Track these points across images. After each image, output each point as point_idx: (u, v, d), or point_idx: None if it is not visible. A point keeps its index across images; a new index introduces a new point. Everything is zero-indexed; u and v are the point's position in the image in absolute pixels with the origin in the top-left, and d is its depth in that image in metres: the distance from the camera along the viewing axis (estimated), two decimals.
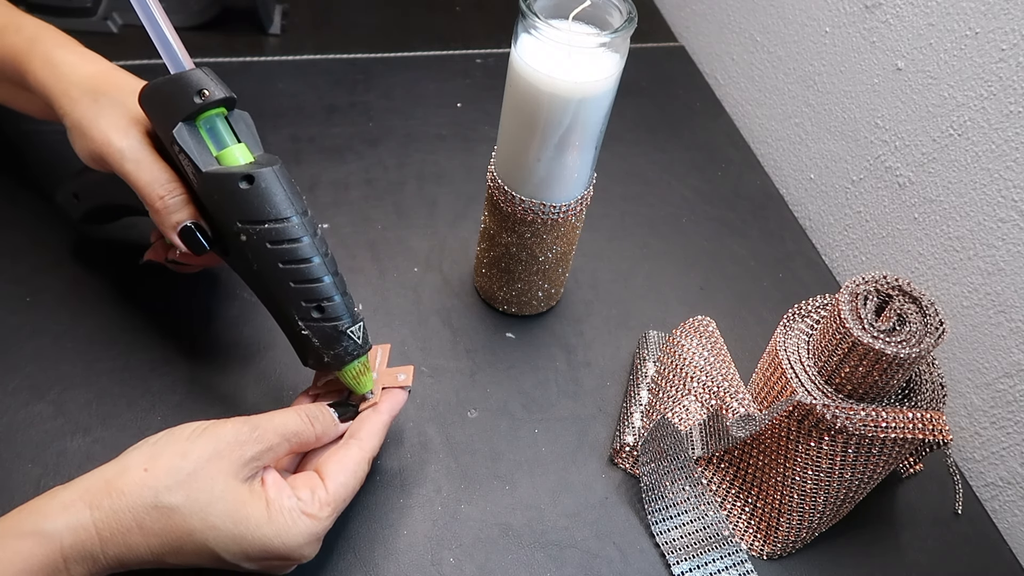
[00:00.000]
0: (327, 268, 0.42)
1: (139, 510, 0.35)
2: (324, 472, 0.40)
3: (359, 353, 0.43)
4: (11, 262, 0.55)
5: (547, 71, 0.42)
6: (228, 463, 0.37)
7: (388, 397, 0.45)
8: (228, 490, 0.37)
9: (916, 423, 0.42)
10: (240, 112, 0.44)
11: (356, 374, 0.44)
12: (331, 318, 0.42)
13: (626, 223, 0.66)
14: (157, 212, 0.43)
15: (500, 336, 0.57)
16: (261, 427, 0.39)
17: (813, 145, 0.70)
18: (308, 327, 0.42)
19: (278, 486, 0.39)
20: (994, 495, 0.54)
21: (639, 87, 0.80)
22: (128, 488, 0.36)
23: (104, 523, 0.35)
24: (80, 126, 0.44)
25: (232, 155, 0.42)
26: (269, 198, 0.40)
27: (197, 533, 0.36)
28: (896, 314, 0.43)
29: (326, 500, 0.39)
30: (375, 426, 0.43)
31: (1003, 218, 0.52)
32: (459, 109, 0.74)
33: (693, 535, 0.48)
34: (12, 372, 0.49)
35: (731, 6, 0.79)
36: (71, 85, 0.44)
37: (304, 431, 0.41)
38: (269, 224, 0.40)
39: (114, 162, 0.43)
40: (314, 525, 0.38)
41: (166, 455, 0.37)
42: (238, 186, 0.40)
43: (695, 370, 0.50)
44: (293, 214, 0.41)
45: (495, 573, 0.45)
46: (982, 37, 0.52)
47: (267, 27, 0.78)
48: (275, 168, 0.41)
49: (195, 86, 0.41)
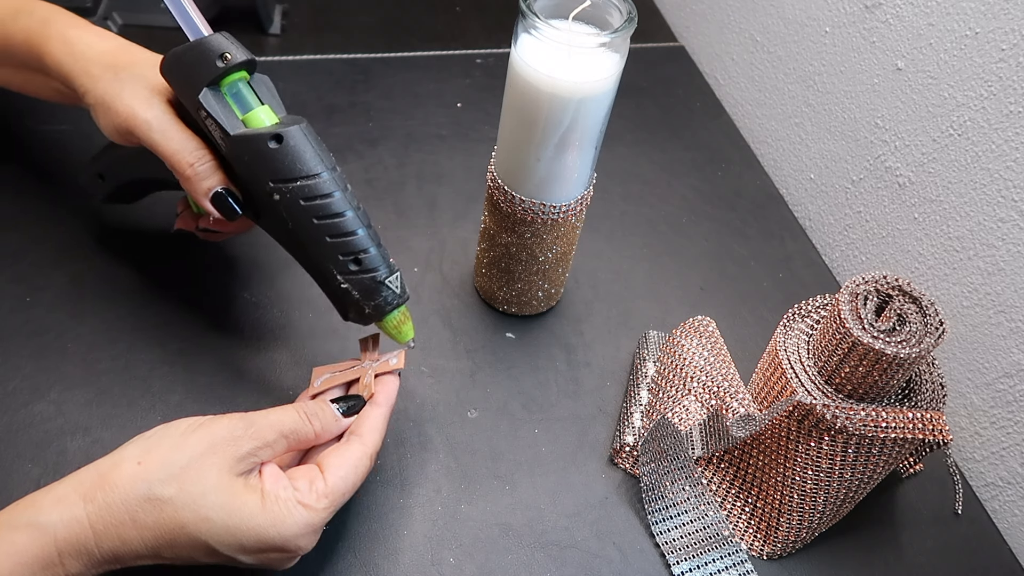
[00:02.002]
0: (361, 221, 0.42)
1: (132, 503, 0.35)
2: (324, 465, 0.40)
3: (399, 302, 0.44)
4: (11, 262, 0.55)
5: (547, 71, 0.42)
6: (222, 457, 0.37)
7: (382, 386, 0.45)
8: (221, 482, 0.36)
9: (916, 423, 0.42)
10: (260, 75, 0.44)
11: (397, 323, 0.44)
12: (368, 269, 0.42)
13: (626, 223, 0.66)
14: (188, 180, 0.43)
15: (500, 336, 0.57)
16: (257, 424, 0.39)
17: (813, 145, 0.70)
18: (347, 280, 0.42)
19: (275, 477, 0.38)
20: (994, 495, 0.54)
21: (639, 87, 0.80)
22: (121, 481, 0.36)
23: (97, 516, 0.35)
24: (104, 102, 0.44)
25: (258, 117, 0.42)
26: (299, 155, 0.41)
27: (190, 525, 0.35)
28: (896, 314, 0.43)
29: (324, 492, 0.38)
30: (375, 420, 0.43)
31: (1003, 218, 0.52)
32: (459, 109, 0.74)
33: (693, 535, 0.48)
34: (12, 372, 0.49)
35: (731, 6, 0.79)
36: (90, 62, 0.44)
37: (302, 428, 0.41)
38: (301, 181, 0.41)
39: (141, 134, 0.43)
40: (310, 515, 0.38)
41: (160, 449, 0.37)
42: (267, 146, 0.41)
43: (695, 370, 0.50)
44: (323, 170, 0.41)
45: (495, 573, 0.45)
46: (982, 37, 0.52)
47: (267, 27, 0.78)
48: (302, 126, 0.42)
49: (217, 50, 0.41)
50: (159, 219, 0.58)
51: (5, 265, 0.55)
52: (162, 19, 0.76)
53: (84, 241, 0.57)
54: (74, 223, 0.58)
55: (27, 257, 0.55)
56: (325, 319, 0.55)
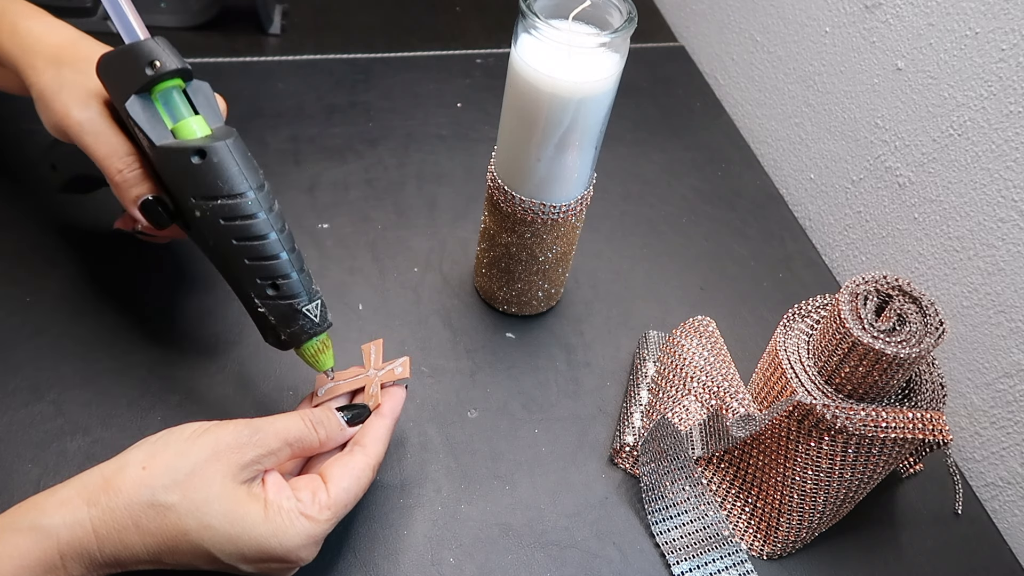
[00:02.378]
0: (283, 245, 0.41)
1: (135, 508, 0.35)
2: (327, 476, 0.40)
3: (316, 331, 0.43)
4: (11, 262, 0.55)
5: (547, 71, 0.42)
6: (226, 465, 0.37)
7: (388, 398, 0.44)
8: (225, 490, 0.36)
9: (916, 423, 0.42)
10: (199, 83, 0.42)
11: (314, 352, 0.43)
12: (287, 296, 0.41)
13: (626, 223, 0.66)
14: (116, 186, 0.42)
15: (500, 336, 0.57)
16: (262, 431, 0.39)
17: (813, 145, 0.70)
18: (264, 304, 0.41)
19: (278, 487, 0.38)
20: (994, 495, 0.54)
21: (639, 87, 0.80)
22: (125, 486, 0.36)
23: (100, 520, 0.35)
24: (43, 98, 0.43)
25: (188, 128, 0.41)
26: (222, 173, 0.39)
27: (192, 533, 0.36)
28: (896, 314, 0.43)
29: (326, 503, 0.38)
30: (379, 431, 0.43)
31: (1003, 218, 0.52)
32: (459, 109, 0.74)
33: (693, 535, 0.48)
34: (12, 372, 0.49)
35: (731, 6, 0.79)
36: (36, 56, 0.44)
37: (307, 436, 0.40)
38: (222, 200, 0.40)
39: (74, 134, 0.42)
40: (312, 527, 0.38)
41: (165, 454, 0.37)
42: (190, 160, 0.39)
43: (695, 370, 0.50)
44: (248, 189, 0.40)
45: (495, 573, 0.45)
46: (982, 37, 0.52)
47: (267, 27, 0.78)
48: (228, 142, 0.40)
49: (147, 57, 0.40)
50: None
51: (5, 266, 0.55)
52: (164, 19, 0.76)
53: (84, 242, 0.57)
54: (74, 223, 0.58)
55: (27, 258, 0.55)
56: None
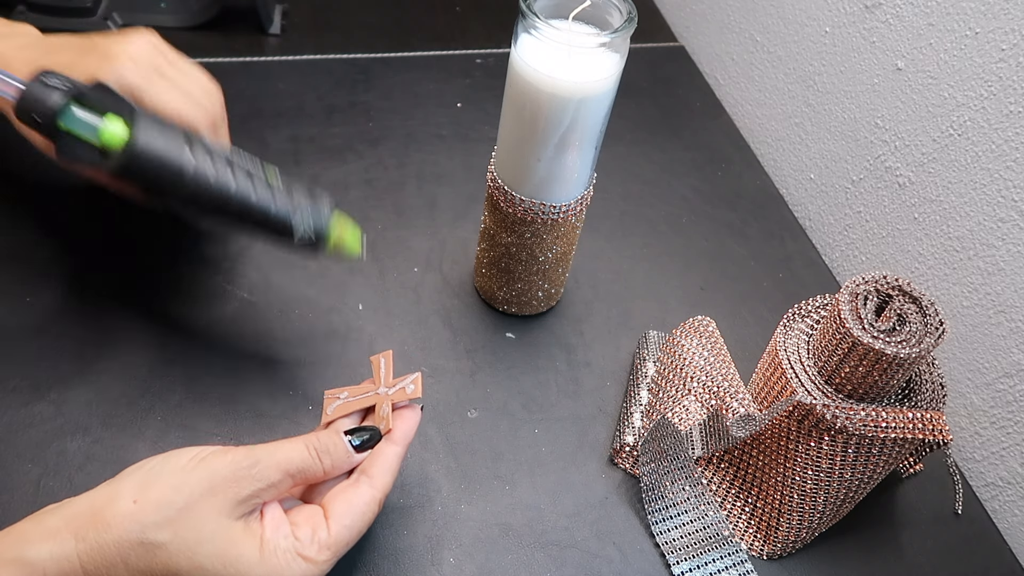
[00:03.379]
0: (244, 191, 0.42)
1: (124, 545, 0.34)
2: (329, 511, 0.38)
3: (322, 231, 0.44)
4: (11, 262, 0.55)
5: (547, 71, 0.42)
6: (222, 500, 0.35)
7: (401, 422, 0.41)
8: (219, 529, 0.35)
9: (916, 423, 0.42)
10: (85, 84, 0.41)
11: (336, 246, 0.44)
12: (275, 228, 0.43)
13: (626, 223, 0.66)
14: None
15: (500, 336, 0.57)
16: (262, 463, 0.37)
17: (813, 145, 0.70)
18: (265, 239, 0.44)
19: (276, 523, 0.36)
20: (994, 495, 0.54)
21: (639, 87, 0.80)
22: (115, 521, 0.34)
23: (88, 556, 0.33)
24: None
25: (108, 134, 0.40)
26: (152, 167, 0.40)
27: (183, 573, 0.34)
28: (896, 314, 0.43)
29: (326, 543, 0.36)
30: (388, 460, 0.40)
31: (1003, 218, 0.52)
32: (459, 109, 0.74)
33: (693, 535, 0.48)
34: (12, 372, 0.49)
35: (731, 6, 0.79)
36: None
37: (311, 467, 0.38)
38: (171, 190, 0.41)
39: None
40: (309, 569, 0.36)
41: (158, 486, 0.35)
42: (122, 171, 0.40)
43: (695, 370, 0.50)
44: (183, 165, 0.40)
45: (495, 573, 0.45)
46: (982, 37, 0.52)
47: (267, 27, 0.78)
48: (137, 145, 0.40)
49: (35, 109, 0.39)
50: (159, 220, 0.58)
51: (5, 266, 0.55)
52: (163, 19, 0.76)
53: (84, 241, 0.57)
54: (74, 223, 0.58)
55: (27, 258, 0.55)
56: (325, 319, 0.55)
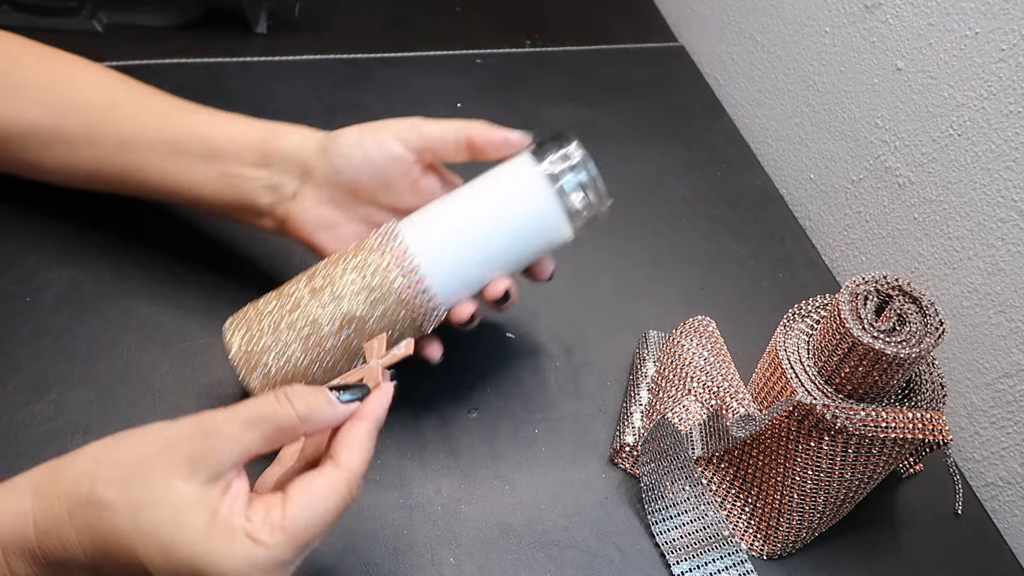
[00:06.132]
0: None
1: (72, 500, 0.32)
2: (287, 492, 0.34)
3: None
4: (11, 262, 0.55)
5: None
6: (174, 458, 0.32)
7: (369, 397, 0.37)
8: (168, 492, 0.32)
9: (916, 423, 0.42)
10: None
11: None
12: None
13: (626, 223, 0.66)
14: None
15: (500, 336, 0.57)
16: (219, 415, 0.33)
17: (813, 145, 0.70)
18: None
19: (234, 499, 0.33)
20: (994, 495, 0.54)
21: (639, 87, 0.80)
22: (70, 475, 0.32)
23: (41, 512, 0.32)
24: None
25: None
26: None
27: (124, 535, 0.31)
28: (896, 314, 0.42)
29: (278, 524, 0.33)
30: (355, 438, 0.36)
31: (1003, 218, 0.52)
32: (459, 109, 0.74)
33: (693, 535, 0.48)
34: (12, 372, 0.49)
35: (731, 6, 0.79)
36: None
37: (279, 412, 0.34)
38: None
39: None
40: (257, 551, 0.32)
41: (118, 448, 0.33)
42: None
43: (695, 370, 0.50)
44: None
45: (495, 573, 0.45)
46: (982, 37, 0.52)
47: (253, 26, 0.77)
48: None
49: None
50: (160, 220, 0.58)
51: (5, 266, 0.55)
52: (148, 18, 0.74)
53: (84, 241, 0.57)
54: (74, 223, 0.58)
55: (27, 258, 0.55)
56: None
